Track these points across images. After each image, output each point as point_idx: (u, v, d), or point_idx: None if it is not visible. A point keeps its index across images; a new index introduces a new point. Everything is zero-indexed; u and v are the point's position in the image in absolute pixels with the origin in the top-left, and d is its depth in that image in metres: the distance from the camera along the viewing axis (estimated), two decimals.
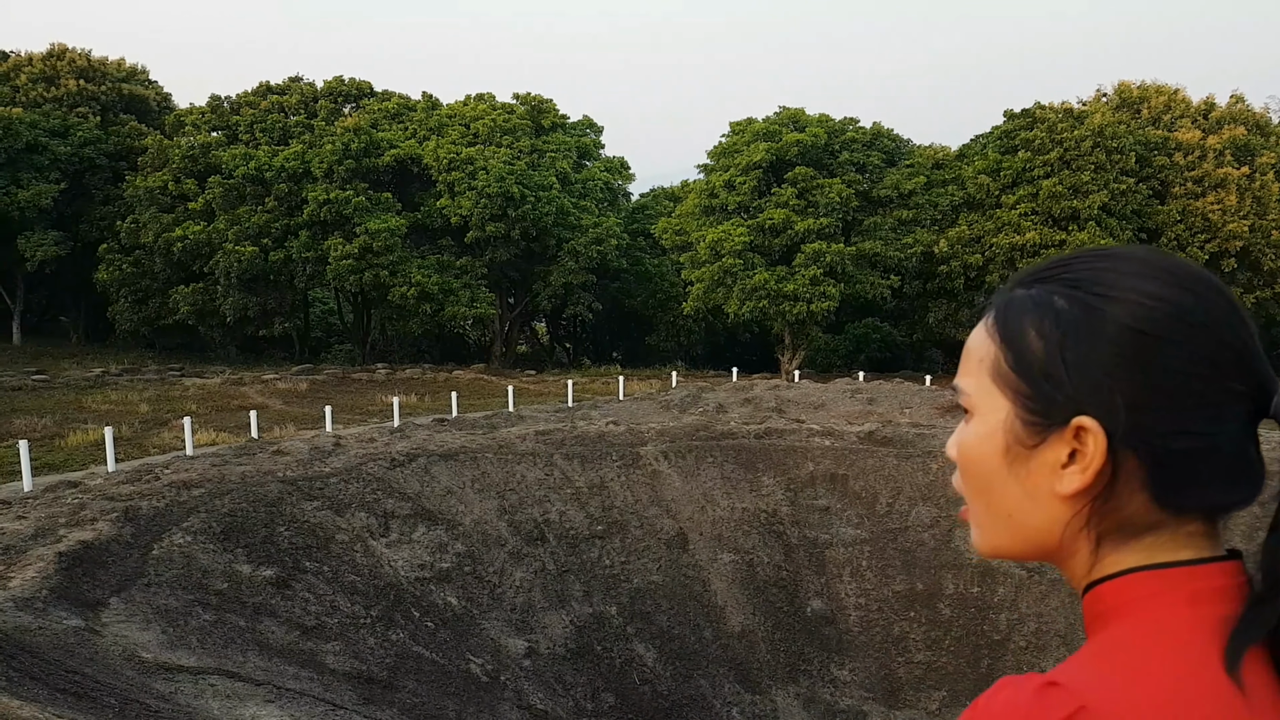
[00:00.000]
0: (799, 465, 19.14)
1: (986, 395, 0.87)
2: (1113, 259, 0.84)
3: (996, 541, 0.89)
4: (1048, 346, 0.81)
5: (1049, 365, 0.81)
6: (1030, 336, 0.83)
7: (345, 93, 45.08)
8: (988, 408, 0.87)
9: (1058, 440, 0.81)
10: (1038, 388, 0.82)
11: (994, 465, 0.86)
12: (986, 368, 0.87)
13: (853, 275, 37.58)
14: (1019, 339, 0.84)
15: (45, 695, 6.80)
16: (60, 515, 11.75)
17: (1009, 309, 0.86)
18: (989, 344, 0.87)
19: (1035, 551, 0.87)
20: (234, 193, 39.08)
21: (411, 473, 16.03)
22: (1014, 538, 0.87)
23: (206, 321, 41.00)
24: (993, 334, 0.87)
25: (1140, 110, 41.47)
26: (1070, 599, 16.66)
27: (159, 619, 9.87)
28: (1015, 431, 0.84)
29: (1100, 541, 0.82)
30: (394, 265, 38.27)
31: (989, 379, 0.87)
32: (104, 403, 25.77)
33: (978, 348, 0.89)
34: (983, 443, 0.87)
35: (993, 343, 0.87)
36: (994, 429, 0.86)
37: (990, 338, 0.87)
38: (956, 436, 0.93)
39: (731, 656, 16.25)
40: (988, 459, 0.87)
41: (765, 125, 40.11)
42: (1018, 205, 37.67)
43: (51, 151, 40.01)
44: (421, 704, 11.04)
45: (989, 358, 0.87)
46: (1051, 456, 0.82)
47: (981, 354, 0.88)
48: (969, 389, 0.90)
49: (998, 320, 0.87)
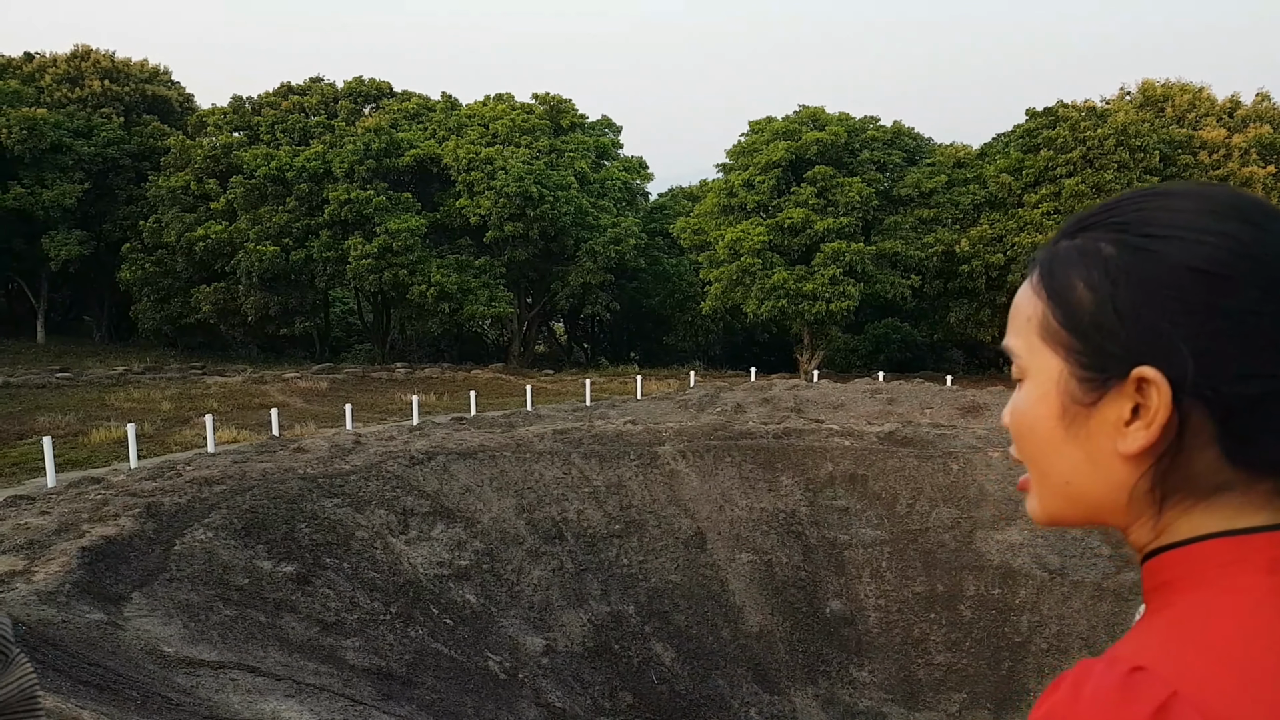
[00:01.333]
0: (818, 465, 19.06)
1: (1037, 355, 0.82)
2: (1163, 197, 0.78)
3: (1054, 508, 0.84)
4: (1097, 297, 0.76)
5: (1101, 316, 0.76)
6: (1078, 289, 0.78)
7: (365, 93, 45.30)
8: (1039, 368, 0.82)
9: (1117, 395, 0.76)
10: (1090, 341, 0.77)
11: (1050, 428, 0.81)
12: (1035, 326, 0.82)
13: (873, 275, 37.39)
14: (1066, 292, 0.79)
15: (68, 687, 6.85)
16: (83, 511, 11.85)
17: (1054, 262, 0.82)
18: (1035, 301, 0.83)
19: (1096, 517, 0.82)
20: (255, 192, 39.34)
21: (430, 471, 16.07)
22: (1074, 504, 0.82)
23: (228, 320, 41.30)
24: (1038, 290, 0.82)
25: (1164, 108, 41.04)
26: (1092, 601, 16.51)
27: (180, 614, 9.93)
28: (1070, 390, 0.79)
29: (1165, 504, 0.77)
30: (413, 265, 38.42)
31: (1038, 338, 0.82)
32: (127, 400, 26.00)
33: (1024, 306, 0.84)
34: (1037, 405, 0.82)
35: (1039, 299, 0.82)
36: (1047, 390, 0.81)
37: (1036, 295, 0.83)
38: (1010, 402, 0.88)
39: (750, 656, 16.19)
40: (1043, 422, 0.82)
41: (785, 124, 39.99)
42: (1040, 204, 37.38)
43: (75, 152, 40.42)
44: (440, 700, 11.05)
45: (1036, 315, 0.82)
46: (1112, 414, 0.76)
47: (1029, 312, 0.83)
48: (1019, 350, 0.85)
49: (1043, 275, 0.82)
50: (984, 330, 39.59)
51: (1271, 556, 0.73)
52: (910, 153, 40.70)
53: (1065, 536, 17.29)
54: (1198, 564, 0.75)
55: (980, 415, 22.86)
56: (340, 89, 45.01)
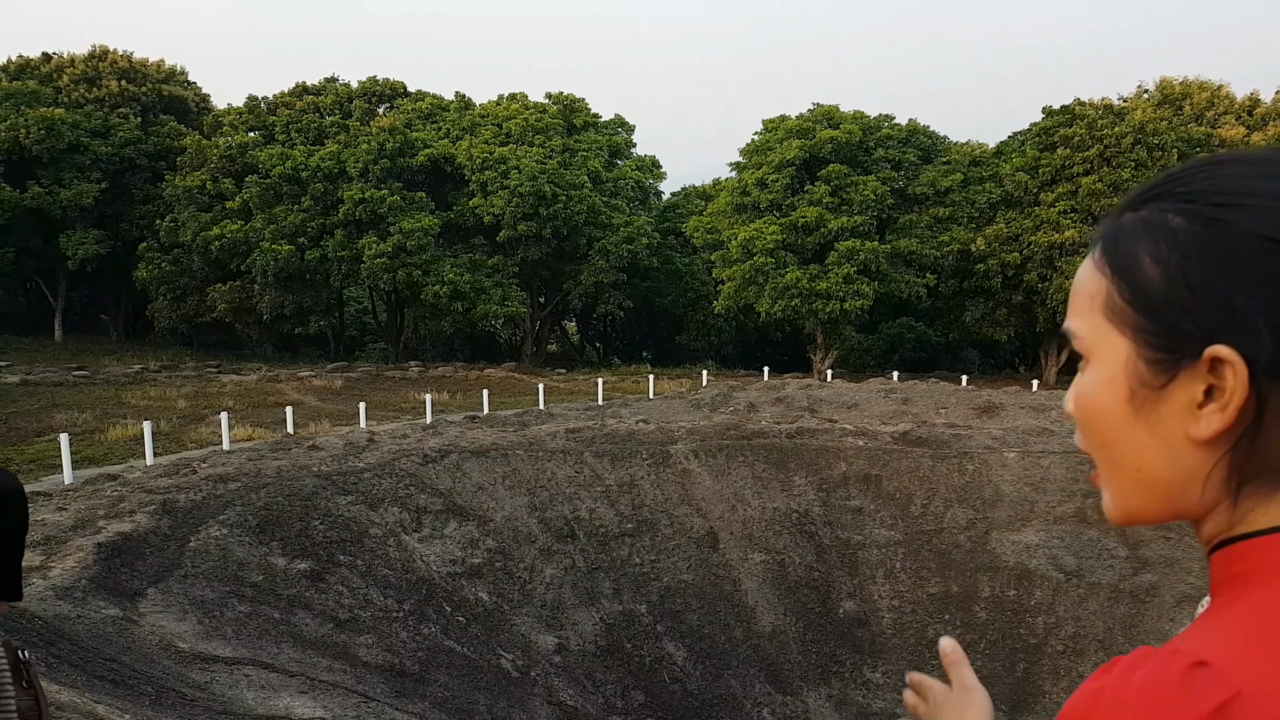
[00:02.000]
0: (831, 465, 18.99)
1: (1102, 336, 0.77)
2: (1232, 163, 0.73)
3: (1130, 502, 0.79)
4: (1166, 271, 0.72)
5: (1170, 292, 0.71)
6: (1145, 263, 0.73)
7: (380, 93, 45.44)
8: (1105, 350, 0.77)
9: (1190, 377, 0.71)
10: (1159, 320, 0.72)
11: (1118, 413, 0.77)
12: (1099, 305, 0.77)
13: (887, 273, 37.25)
14: (1133, 268, 0.74)
15: (83, 682, 6.88)
16: (100, 507, 11.92)
17: (1119, 237, 0.77)
18: (1099, 279, 0.78)
19: (1173, 509, 0.77)
20: (271, 192, 39.52)
21: (443, 469, 16.10)
22: (1149, 495, 0.77)
23: (243, 319, 41.53)
24: (1102, 267, 0.77)
25: (1182, 107, 40.73)
26: (1109, 603, 16.39)
27: (195, 610, 9.97)
28: (1139, 373, 0.74)
29: (1242, 492, 0.72)
30: (427, 264, 38.52)
31: (1102, 318, 0.77)
32: (143, 398, 26.16)
33: (1087, 284, 0.79)
34: (1103, 390, 0.78)
35: (1103, 276, 0.77)
36: (1114, 373, 0.76)
37: (1100, 272, 0.78)
38: (1074, 387, 0.83)
39: (762, 657, 16.15)
40: (1110, 407, 0.77)
41: (799, 122, 39.87)
42: (1056, 203, 37.15)
43: (93, 151, 40.71)
44: (452, 698, 11.07)
45: (1100, 294, 0.77)
46: (1184, 396, 0.72)
47: (1092, 290, 0.78)
48: (1082, 331, 0.80)
49: (1106, 251, 0.77)
50: (1000, 330, 39.36)
51: None
52: (925, 151, 40.53)
53: (1081, 538, 17.17)
54: (1270, 558, 0.71)
55: (996, 415, 22.73)
56: (355, 89, 45.17)
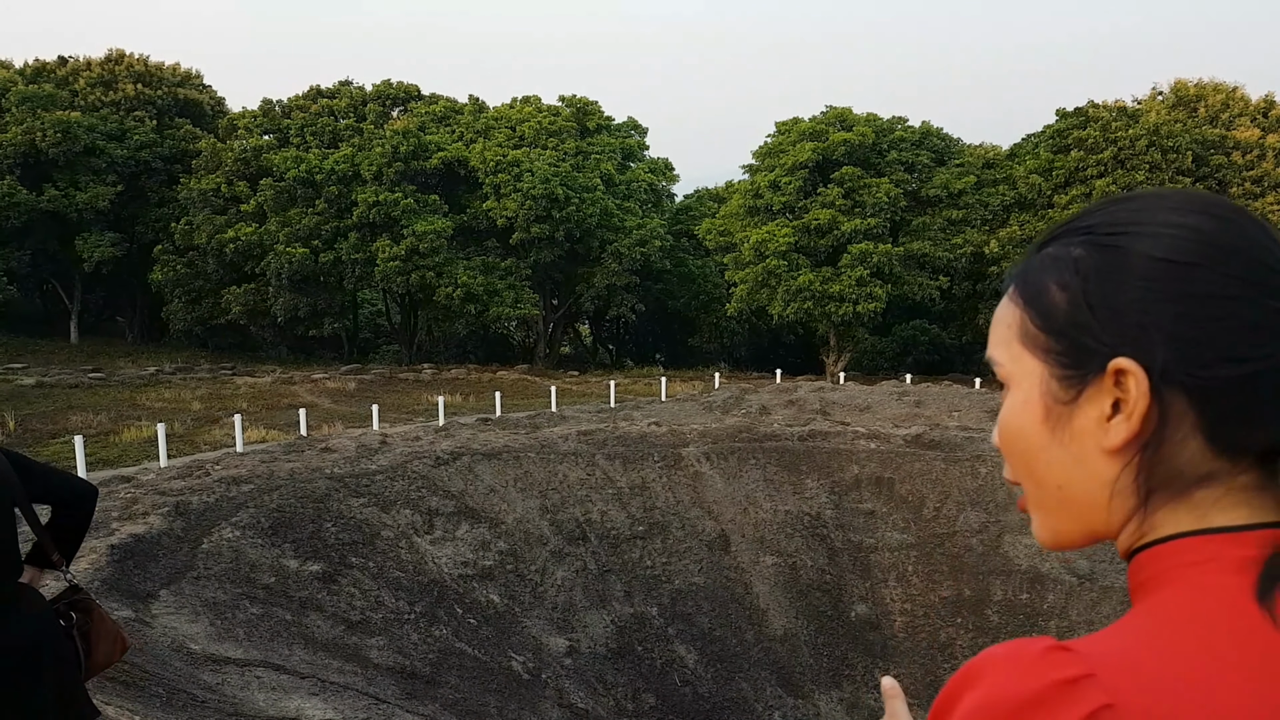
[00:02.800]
0: (844, 468, 18.94)
1: (1017, 362, 0.83)
2: (1127, 200, 0.80)
3: (1056, 524, 0.83)
4: (1070, 295, 0.78)
5: (1074, 313, 0.77)
6: (1051, 290, 0.79)
7: (394, 96, 45.62)
8: (1021, 374, 0.83)
9: (1097, 391, 0.76)
10: (1066, 338, 0.78)
11: (1035, 433, 0.81)
12: (1014, 333, 0.83)
13: (900, 276, 37.16)
14: (1040, 295, 0.80)
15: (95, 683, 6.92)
16: (113, 509, 11.99)
17: (1028, 272, 0.83)
18: (1013, 309, 0.84)
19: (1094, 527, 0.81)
20: (285, 195, 39.73)
21: (455, 471, 16.13)
22: (1071, 513, 0.81)
23: (258, 321, 41.74)
24: (1015, 299, 0.84)
25: (1197, 108, 40.48)
26: (1121, 606, 16.26)
27: (207, 611, 10.02)
28: (1051, 390, 0.79)
29: (1150, 501, 0.76)
30: (440, 267, 38.64)
31: (1018, 344, 0.83)
32: (157, 400, 26.32)
33: (1004, 316, 0.85)
34: (1021, 411, 0.82)
35: (1016, 307, 0.83)
36: (1030, 394, 0.82)
37: (1014, 303, 0.84)
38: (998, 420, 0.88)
39: (774, 660, 16.11)
40: (1028, 428, 0.82)
41: (811, 125, 39.83)
42: (1070, 205, 36.95)
43: (109, 154, 41.01)
44: (463, 700, 11.08)
45: (1015, 323, 0.83)
46: (1094, 411, 0.77)
47: (1008, 321, 0.84)
48: (1001, 359, 0.85)
49: (1018, 285, 0.84)
50: None
51: (1241, 556, 0.72)
52: (939, 153, 40.41)
53: None
54: (1169, 563, 0.75)
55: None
56: (369, 92, 45.36)
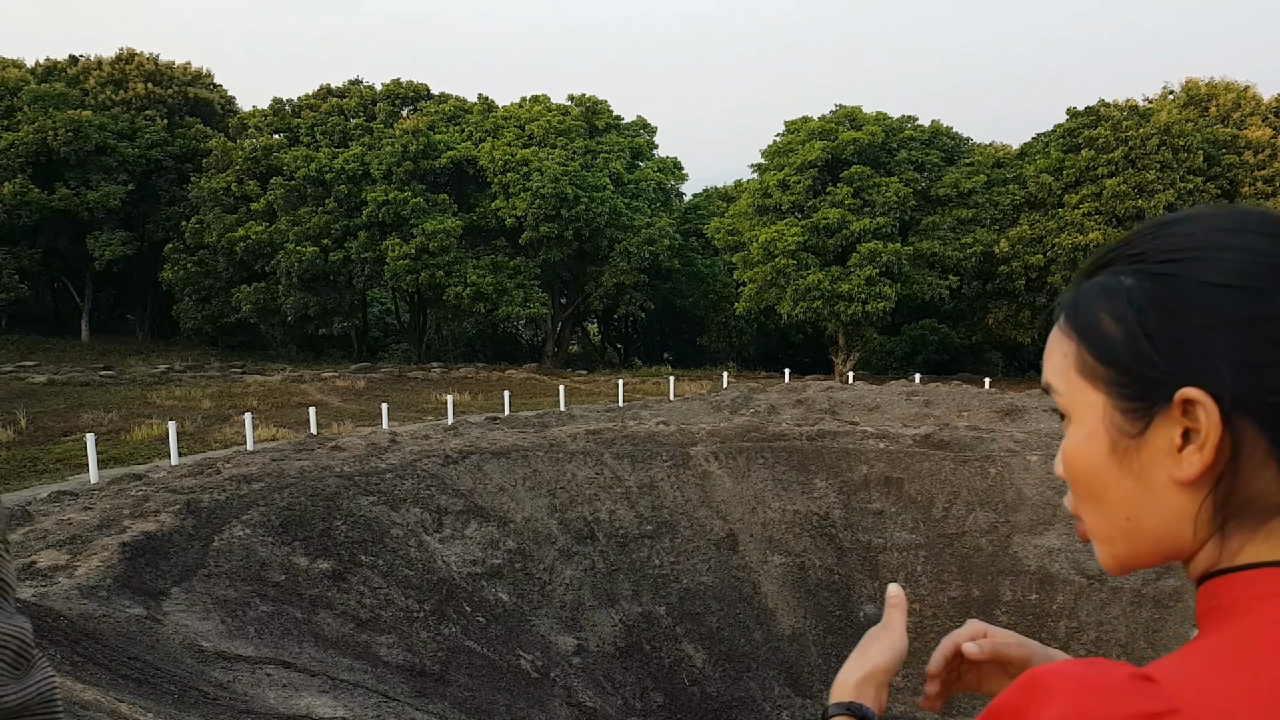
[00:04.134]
0: (852, 468, 18.91)
1: (1078, 393, 0.81)
2: (1177, 223, 0.78)
3: (1122, 551, 0.82)
4: (1125, 327, 0.76)
5: (1131, 344, 0.75)
6: (1105, 322, 0.78)
7: (403, 95, 45.69)
8: (1082, 406, 0.81)
9: (1165, 421, 0.74)
10: (1126, 370, 0.76)
11: (1102, 465, 0.80)
12: (1071, 364, 0.82)
13: (910, 275, 37.07)
14: (1094, 328, 0.79)
15: (107, 680, 6.97)
16: (125, 507, 12.06)
17: (1078, 302, 0.82)
18: (1067, 342, 0.82)
19: (1165, 552, 0.80)
20: (295, 194, 39.85)
21: (464, 470, 16.16)
22: (1139, 542, 0.80)
23: (268, 320, 41.87)
24: (1067, 332, 0.82)
25: (1208, 108, 40.29)
26: (1131, 607, 16.24)
27: (218, 609, 10.07)
28: (1116, 423, 0.78)
29: (1227, 529, 0.75)
30: (449, 266, 38.71)
31: (1076, 375, 0.81)
32: (168, 398, 26.44)
33: (1057, 347, 0.84)
34: (1085, 445, 0.81)
35: (1069, 339, 0.82)
36: (1094, 427, 0.80)
37: (1066, 336, 0.82)
38: (1060, 450, 0.86)
39: (782, 659, 16.11)
40: (1094, 460, 0.80)
41: (821, 124, 39.76)
42: (1081, 205, 36.85)
43: (120, 153, 41.19)
44: (472, 698, 11.11)
45: (1070, 354, 0.82)
46: (1163, 441, 0.75)
47: (1063, 351, 0.83)
48: (1059, 387, 0.84)
49: (1069, 318, 0.82)
50: (1023, 332, 39.08)
51: None
52: (948, 152, 40.31)
53: None
54: (1246, 592, 0.73)
55: (1019, 418, 22.57)
56: (379, 91, 45.44)
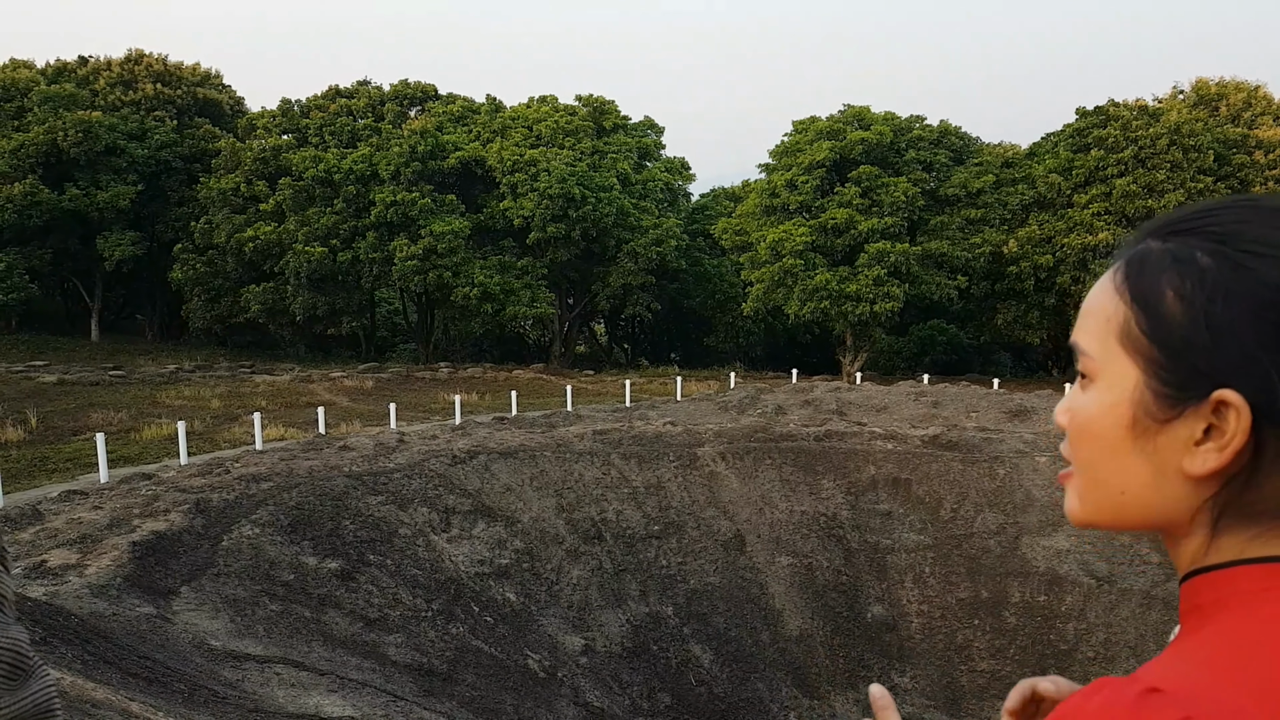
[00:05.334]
0: (860, 469, 18.89)
1: (1113, 360, 0.77)
2: (1265, 211, 0.73)
3: (1098, 514, 0.81)
4: (1190, 310, 0.71)
5: (1191, 332, 0.71)
6: (1168, 298, 0.73)
7: (411, 96, 45.77)
8: (1114, 374, 0.77)
9: (1194, 414, 0.72)
10: (1176, 357, 0.72)
11: (1116, 437, 0.77)
12: (1114, 329, 0.77)
13: (918, 275, 37.00)
14: (1155, 300, 0.74)
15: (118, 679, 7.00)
16: (134, 506, 12.11)
17: (1144, 265, 0.76)
18: (1118, 303, 0.77)
19: (1145, 527, 0.79)
20: (303, 194, 39.96)
21: (472, 470, 16.19)
22: (1123, 513, 0.79)
23: (277, 320, 42.00)
24: (1122, 292, 0.77)
25: (1219, 107, 40.13)
26: (1140, 609, 16.18)
27: (227, 608, 10.11)
28: (1145, 403, 0.75)
29: (1220, 525, 0.74)
30: (457, 266, 38.78)
31: (1116, 342, 0.77)
32: (177, 398, 26.53)
33: (1104, 305, 0.79)
34: (1106, 413, 0.78)
35: (1122, 302, 0.76)
36: (1119, 399, 0.77)
37: (1119, 295, 0.77)
38: (1070, 401, 0.83)
39: (789, 660, 16.10)
40: (1110, 430, 0.77)
41: (829, 124, 39.73)
42: (1090, 205, 36.73)
43: (129, 154, 41.35)
44: (480, 697, 11.13)
45: (1117, 318, 0.77)
46: (1185, 432, 0.73)
47: (1109, 313, 0.78)
48: (1092, 351, 0.79)
49: (1129, 277, 0.77)
50: (1032, 332, 38.96)
51: None
52: (957, 152, 40.23)
53: (1114, 543, 16.96)
54: (1238, 589, 0.72)
55: (1028, 419, 22.51)
56: (387, 92, 45.54)
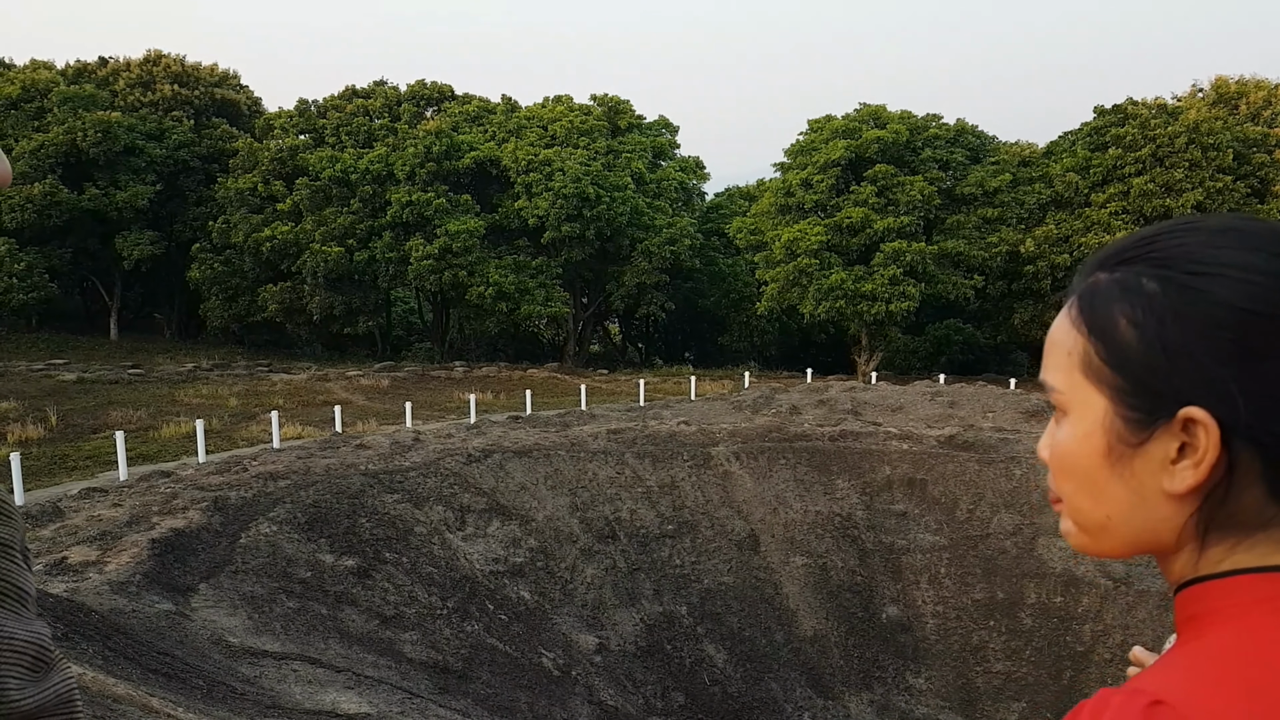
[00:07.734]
0: (875, 469, 18.84)
1: (1080, 392, 0.79)
2: (1203, 231, 0.75)
3: (1089, 542, 0.83)
4: (1143, 335, 0.74)
5: (1147, 356, 0.73)
6: (1121, 326, 0.75)
7: (427, 96, 45.94)
8: (1082, 405, 0.79)
9: (1165, 434, 0.74)
10: (1138, 381, 0.74)
11: (1094, 466, 0.79)
12: (1076, 362, 0.79)
13: (934, 275, 36.84)
14: (1110, 330, 0.76)
15: (138, 675, 7.07)
16: (153, 504, 12.22)
17: (1095, 297, 0.78)
18: (1076, 337, 0.79)
19: (1138, 550, 0.81)
20: (320, 194, 40.17)
21: (487, 468, 16.25)
22: (1114, 538, 0.81)
23: (294, 319, 42.25)
24: (1079, 325, 0.79)
25: (1238, 106, 39.79)
26: (1158, 611, 16.07)
27: (245, 605, 10.19)
28: (1116, 429, 0.77)
29: (1208, 539, 0.75)
30: (472, 265, 38.90)
31: (1080, 375, 0.79)
32: (195, 397, 26.73)
33: (1064, 340, 0.81)
34: (1080, 444, 0.80)
35: (1080, 335, 0.79)
36: (1091, 428, 0.78)
37: (1077, 330, 0.79)
38: (1048, 438, 0.85)
39: (803, 660, 16.08)
40: (1086, 460, 0.79)
41: (844, 122, 39.59)
42: (1108, 204, 36.50)
43: (148, 154, 41.68)
44: (495, 695, 11.18)
45: (1078, 351, 0.79)
46: (1159, 452, 0.74)
47: (1069, 347, 0.80)
48: (1060, 386, 0.82)
49: (1083, 310, 0.79)
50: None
51: None
52: (974, 151, 40.03)
53: None
54: (1231, 599, 0.74)
55: (1045, 420, 22.38)
56: (403, 92, 45.72)
